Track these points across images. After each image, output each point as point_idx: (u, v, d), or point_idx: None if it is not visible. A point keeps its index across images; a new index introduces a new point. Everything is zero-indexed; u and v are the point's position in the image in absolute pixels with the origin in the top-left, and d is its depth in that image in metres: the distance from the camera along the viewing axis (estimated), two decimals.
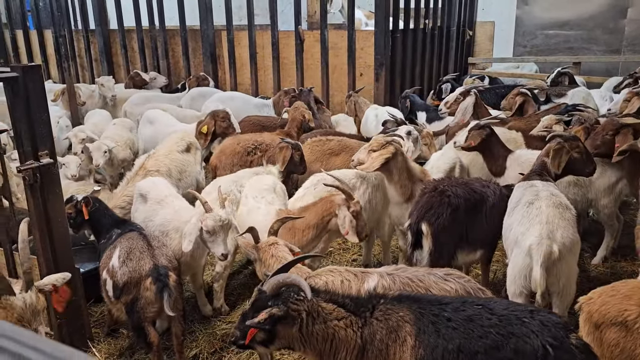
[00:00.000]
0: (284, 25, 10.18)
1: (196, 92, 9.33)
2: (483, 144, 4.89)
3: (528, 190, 3.85)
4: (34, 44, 12.73)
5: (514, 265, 3.56)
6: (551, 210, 3.50)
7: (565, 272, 3.44)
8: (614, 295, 2.83)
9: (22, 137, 3.55)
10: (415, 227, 4.02)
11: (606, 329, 2.81)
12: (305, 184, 4.67)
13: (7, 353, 0.61)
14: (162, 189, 4.58)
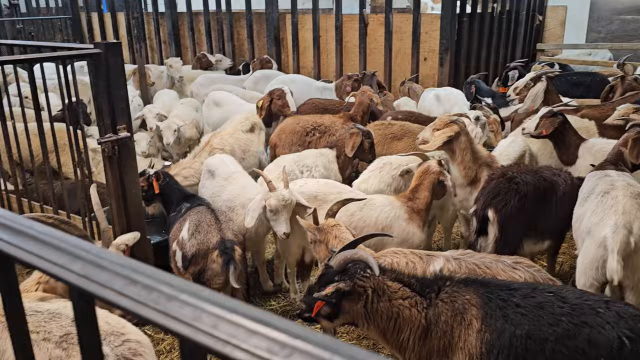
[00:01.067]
0: (348, 8, 10.11)
1: (259, 74, 9.47)
2: (555, 132, 4.72)
3: (602, 180, 3.69)
4: (107, 26, 13.24)
5: (585, 256, 3.44)
6: (628, 201, 3.35)
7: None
8: None
9: (102, 111, 3.73)
10: (481, 213, 3.95)
11: None
12: (370, 167, 4.67)
13: (140, 284, 0.66)
14: (230, 166, 4.71)
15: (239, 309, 0.59)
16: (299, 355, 0.54)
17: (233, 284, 3.73)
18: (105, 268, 0.67)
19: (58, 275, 0.68)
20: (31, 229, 0.79)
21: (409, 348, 2.71)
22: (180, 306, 0.61)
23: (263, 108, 6.48)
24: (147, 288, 0.64)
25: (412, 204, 4.02)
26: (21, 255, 0.73)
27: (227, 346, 0.56)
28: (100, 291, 0.65)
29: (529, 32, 10.78)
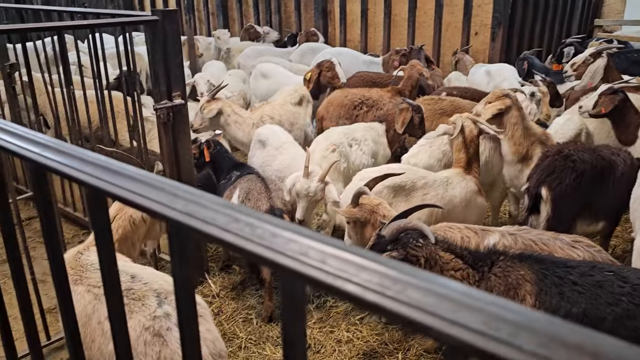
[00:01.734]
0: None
1: (306, 47, 9.43)
2: (614, 110, 4.53)
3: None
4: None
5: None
6: None
7: None
8: None
9: (158, 78, 3.80)
10: (534, 191, 3.87)
11: None
12: (420, 142, 4.61)
13: (243, 222, 0.67)
14: (281, 136, 4.75)
15: (346, 247, 0.60)
16: (412, 291, 0.54)
17: None
18: (207, 206, 0.69)
19: (161, 212, 0.71)
20: (128, 170, 0.82)
21: None
22: (285, 242, 0.62)
23: (311, 80, 6.46)
24: (250, 225, 0.65)
25: (474, 173, 3.96)
26: (123, 194, 0.76)
27: (338, 280, 0.57)
28: (204, 227, 0.67)
29: (587, 7, 10.30)
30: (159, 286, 2.38)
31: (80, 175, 0.83)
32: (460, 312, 0.53)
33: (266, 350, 3.77)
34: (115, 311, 0.92)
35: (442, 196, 3.82)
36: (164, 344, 2.18)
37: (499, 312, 0.53)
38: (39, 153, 0.91)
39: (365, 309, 0.57)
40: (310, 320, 4.05)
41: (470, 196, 3.88)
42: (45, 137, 0.96)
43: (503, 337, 0.50)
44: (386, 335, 3.86)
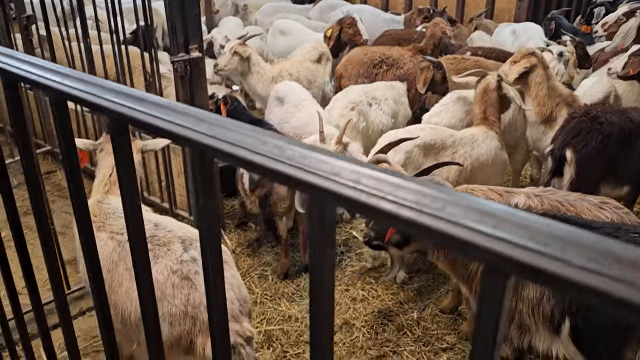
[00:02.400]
0: None
1: (324, 3, 9.22)
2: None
3: None
4: None
5: None
6: None
7: None
8: None
9: (176, 30, 3.73)
10: (558, 153, 3.77)
11: None
12: (443, 100, 4.51)
13: (271, 144, 0.63)
14: (299, 93, 4.68)
15: (379, 169, 0.56)
16: (452, 208, 0.51)
17: (299, 208, 3.77)
18: (233, 130, 0.66)
19: (185, 135, 0.67)
20: (150, 97, 0.78)
21: (476, 279, 2.68)
22: (317, 162, 0.58)
23: (332, 37, 6.29)
24: (279, 147, 0.62)
25: (495, 128, 3.89)
26: (147, 119, 0.72)
27: (372, 198, 0.53)
28: (231, 149, 0.63)
29: None
30: (183, 233, 2.39)
31: (102, 102, 0.79)
32: (505, 228, 0.49)
33: (281, 306, 3.80)
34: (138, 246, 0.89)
35: (470, 154, 3.77)
36: (193, 287, 2.19)
37: (546, 228, 0.49)
38: (60, 82, 0.88)
39: (402, 227, 0.53)
40: None
41: (495, 153, 3.83)
42: (66, 68, 0.92)
43: (551, 252, 0.47)
44: (401, 295, 3.87)
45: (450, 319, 3.64)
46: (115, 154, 0.84)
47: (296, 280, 4.07)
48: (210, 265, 0.76)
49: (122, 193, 0.89)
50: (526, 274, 0.48)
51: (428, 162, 3.67)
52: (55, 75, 0.89)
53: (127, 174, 0.85)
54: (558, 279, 0.46)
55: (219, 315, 0.83)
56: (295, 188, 0.58)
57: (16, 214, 1.32)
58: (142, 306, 1.03)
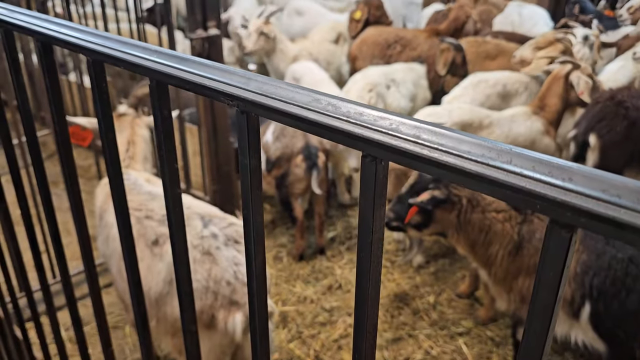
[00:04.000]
0: None
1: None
2: None
3: None
4: None
5: None
6: None
7: None
8: None
9: (194, 6, 3.70)
10: (581, 138, 3.72)
11: None
12: (463, 83, 4.44)
13: (324, 101, 0.61)
14: (316, 73, 4.64)
15: (440, 125, 0.54)
16: (519, 160, 0.49)
17: (315, 190, 3.76)
18: (283, 87, 0.64)
19: (236, 94, 0.66)
20: (192, 58, 0.76)
21: (496, 263, 2.66)
22: (374, 119, 0.56)
23: (361, 20, 6.11)
24: (333, 105, 0.60)
25: (545, 113, 3.83)
26: (193, 78, 0.71)
27: (435, 152, 0.51)
28: (283, 106, 0.62)
29: None
30: (202, 210, 2.39)
31: (143, 62, 0.78)
32: (576, 181, 0.48)
33: (297, 287, 3.81)
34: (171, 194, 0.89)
35: (507, 134, 3.72)
36: (214, 262, 2.19)
37: (620, 181, 0.47)
38: (99, 43, 0.86)
39: (466, 183, 0.51)
40: (341, 261, 4.07)
41: (535, 135, 3.76)
42: (102, 32, 0.91)
43: (625, 204, 0.45)
44: (418, 279, 3.86)
45: (467, 304, 3.63)
46: (155, 118, 0.83)
47: (311, 262, 4.07)
48: (252, 227, 0.75)
49: (161, 161, 0.88)
50: (600, 225, 0.46)
51: None
52: (92, 37, 0.88)
53: (168, 139, 0.83)
54: (632, 228, 0.45)
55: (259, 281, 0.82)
56: (354, 145, 0.56)
57: (47, 188, 1.32)
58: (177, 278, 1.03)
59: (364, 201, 0.61)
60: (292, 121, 0.62)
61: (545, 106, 3.86)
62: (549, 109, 3.85)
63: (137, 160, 2.90)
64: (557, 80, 3.87)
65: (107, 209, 2.62)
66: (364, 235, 0.64)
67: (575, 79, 3.82)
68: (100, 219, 2.70)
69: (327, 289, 3.81)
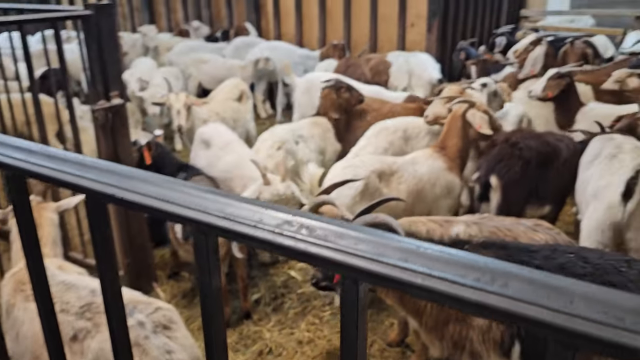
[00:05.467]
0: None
1: (240, 41, 9.25)
2: (561, 94, 4.70)
3: (608, 144, 3.70)
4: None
5: (591, 219, 3.45)
6: (637, 164, 3.37)
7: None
8: None
9: (94, 77, 3.55)
10: (484, 179, 3.94)
11: None
12: (366, 134, 4.58)
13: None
14: (225, 135, 4.58)
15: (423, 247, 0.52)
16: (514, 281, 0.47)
17: (236, 254, 3.65)
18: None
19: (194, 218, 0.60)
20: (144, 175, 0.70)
21: (426, 312, 2.69)
22: (354, 243, 0.53)
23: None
24: (306, 227, 0.56)
25: (446, 152, 3.99)
26: (150, 202, 0.64)
27: (427, 279, 0.49)
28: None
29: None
30: (124, 296, 2.21)
31: (78, 180, 0.70)
32: (577, 304, 0.47)
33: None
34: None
35: (414, 175, 3.85)
36: (144, 352, 2.02)
37: (616, 300, 0.47)
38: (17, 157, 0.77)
39: (463, 309, 0.49)
40: (269, 324, 3.95)
41: (438, 173, 3.91)
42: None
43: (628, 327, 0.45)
44: None
45: (399, 352, 3.62)
46: (93, 237, 0.74)
47: (238, 329, 3.91)
48: None
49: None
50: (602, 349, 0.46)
51: (383, 187, 3.72)
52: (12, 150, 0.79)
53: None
54: None
55: None
56: (334, 271, 0.53)
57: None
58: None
59: (345, 322, 0.57)
60: (261, 245, 0.58)
61: (447, 146, 4.07)
62: (450, 149, 4.06)
63: (46, 244, 2.68)
64: (455, 120, 4.09)
65: (16, 304, 2.36)
66: None
67: (470, 116, 4.06)
68: (8, 315, 2.44)
69: (258, 355, 3.66)
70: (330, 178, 3.74)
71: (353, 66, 6.72)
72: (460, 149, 3.99)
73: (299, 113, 6.28)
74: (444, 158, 3.94)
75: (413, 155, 4.02)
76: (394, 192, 3.73)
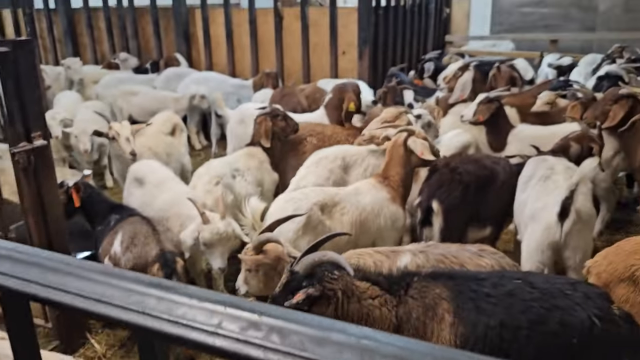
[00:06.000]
0: (260, 2, 9.82)
1: (171, 72, 9.04)
2: (491, 118, 4.85)
3: (541, 165, 3.82)
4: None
5: (530, 240, 3.53)
6: (571, 184, 3.48)
7: (582, 247, 3.42)
8: (619, 253, 2.84)
9: (13, 117, 3.29)
10: (425, 205, 3.96)
11: (615, 286, 2.80)
12: (306, 163, 4.52)
13: None
14: (160, 172, 4.37)
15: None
16: None
17: None
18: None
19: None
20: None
21: None
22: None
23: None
24: (278, 331, 0.46)
25: (389, 182, 3.95)
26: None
27: None
28: None
29: (438, 25, 11.15)
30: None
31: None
32: None
33: None
34: None
35: (357, 206, 3.77)
36: None
37: None
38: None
39: None
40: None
41: (381, 203, 3.85)
42: None
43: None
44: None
45: None
46: None
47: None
48: None
49: None
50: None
51: (326, 220, 3.64)
52: None
53: None
54: None
55: None
56: None
57: None
58: None
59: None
60: (223, 355, 0.47)
61: (389, 176, 4.03)
62: (392, 177, 4.02)
63: None
64: (396, 148, 4.06)
65: None
66: None
67: (412, 144, 4.07)
68: None
69: None
70: (272, 212, 3.63)
71: (288, 95, 6.69)
72: (403, 177, 3.98)
73: (234, 144, 6.18)
74: (387, 188, 3.91)
75: (356, 185, 3.98)
76: (337, 224, 3.66)
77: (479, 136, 5.12)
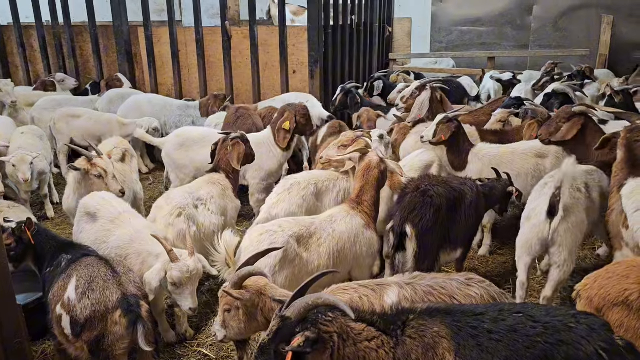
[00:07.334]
0: (205, 21, 9.54)
1: (113, 93, 8.60)
2: (452, 137, 4.84)
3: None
4: None
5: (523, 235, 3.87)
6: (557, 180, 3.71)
7: (569, 245, 3.66)
8: (611, 277, 2.84)
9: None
10: (398, 229, 3.86)
11: (608, 311, 2.80)
12: (276, 189, 4.34)
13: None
14: (115, 205, 4.03)
15: None
16: None
17: (143, 347, 3.14)
18: None
19: None
20: None
21: None
22: None
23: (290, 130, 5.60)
24: None
25: (362, 207, 3.84)
26: None
27: None
28: None
29: (382, 43, 11.27)
30: None
31: None
32: None
33: None
34: None
35: (333, 235, 3.64)
36: None
37: None
38: None
39: None
40: None
41: (357, 231, 3.74)
42: None
43: None
44: None
45: None
46: None
47: None
48: None
49: None
50: None
51: (303, 252, 3.49)
52: None
53: None
54: None
55: None
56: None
57: None
58: None
59: None
60: None
61: (363, 201, 3.90)
62: (366, 202, 3.90)
63: None
64: (370, 170, 3.92)
65: None
66: None
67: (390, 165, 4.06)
68: None
69: None
70: (247, 246, 3.41)
71: (243, 117, 6.48)
72: (375, 201, 3.89)
73: (177, 173, 6.00)
74: (360, 214, 3.79)
75: (330, 213, 3.82)
76: (314, 256, 3.50)
77: (441, 155, 5.11)
